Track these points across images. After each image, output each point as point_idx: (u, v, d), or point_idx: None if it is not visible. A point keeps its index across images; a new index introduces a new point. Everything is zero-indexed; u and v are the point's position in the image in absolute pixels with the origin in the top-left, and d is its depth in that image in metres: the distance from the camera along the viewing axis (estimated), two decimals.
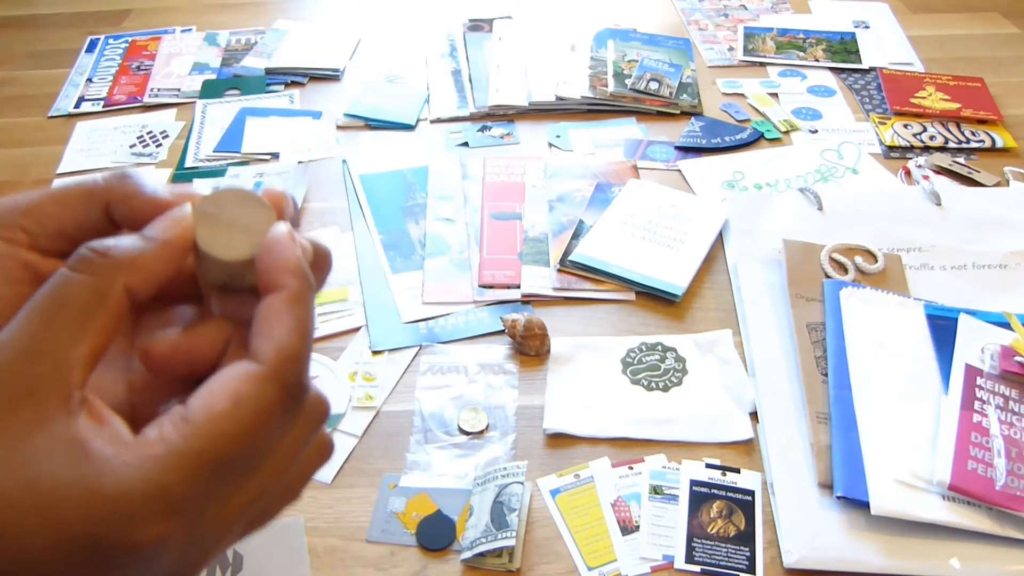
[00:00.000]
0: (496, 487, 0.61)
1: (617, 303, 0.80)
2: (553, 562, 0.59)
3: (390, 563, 0.59)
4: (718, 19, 1.31)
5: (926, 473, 0.59)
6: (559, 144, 1.02)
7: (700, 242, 0.84)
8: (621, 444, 0.66)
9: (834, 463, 0.61)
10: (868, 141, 1.02)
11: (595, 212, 0.89)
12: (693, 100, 1.08)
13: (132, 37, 1.28)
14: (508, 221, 0.89)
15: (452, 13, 1.30)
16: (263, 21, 1.30)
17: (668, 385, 0.71)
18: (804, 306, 0.74)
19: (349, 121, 1.07)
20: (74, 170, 1.00)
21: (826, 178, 0.96)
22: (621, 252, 0.83)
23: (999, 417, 0.62)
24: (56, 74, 1.19)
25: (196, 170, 0.99)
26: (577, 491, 0.63)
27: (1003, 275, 0.79)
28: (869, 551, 0.57)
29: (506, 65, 1.14)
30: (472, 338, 0.76)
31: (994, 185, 0.92)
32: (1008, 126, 1.03)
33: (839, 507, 0.60)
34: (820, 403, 0.66)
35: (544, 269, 0.83)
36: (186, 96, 1.13)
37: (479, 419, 0.68)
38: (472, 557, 0.58)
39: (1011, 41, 1.25)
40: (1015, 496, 0.58)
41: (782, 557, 0.58)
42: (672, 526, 0.60)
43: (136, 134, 1.06)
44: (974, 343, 0.68)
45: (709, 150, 1.01)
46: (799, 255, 0.79)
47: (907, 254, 0.81)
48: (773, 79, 1.15)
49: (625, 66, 1.13)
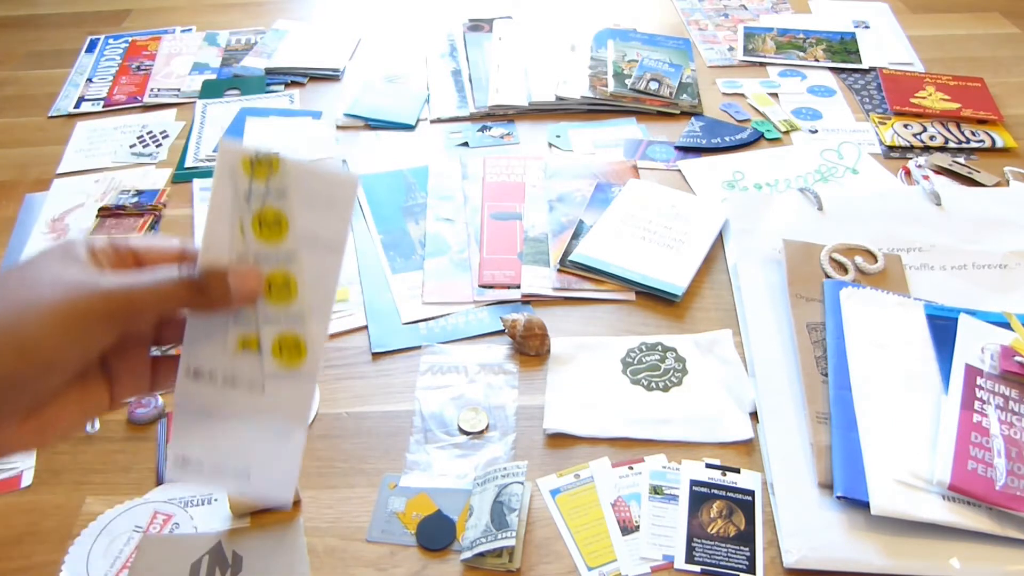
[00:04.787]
0: (496, 487, 0.61)
1: (617, 303, 0.80)
2: (553, 562, 0.59)
3: (390, 563, 0.59)
4: (718, 19, 1.31)
5: (926, 473, 0.59)
6: (559, 144, 1.02)
7: (700, 242, 0.84)
8: (621, 444, 0.66)
9: (834, 463, 0.61)
10: (868, 141, 1.02)
11: (595, 212, 0.89)
12: (693, 100, 1.08)
13: (132, 37, 1.28)
14: (508, 221, 0.89)
15: (452, 13, 1.30)
16: (263, 21, 1.31)
17: (668, 385, 0.71)
18: (804, 306, 0.74)
19: (349, 121, 1.07)
20: (74, 170, 1.00)
21: (826, 178, 0.96)
22: (621, 252, 0.83)
23: (999, 417, 0.62)
24: (56, 74, 1.19)
25: (196, 170, 0.99)
26: (577, 491, 0.63)
27: (1003, 275, 0.79)
28: (869, 551, 0.57)
29: (506, 65, 1.14)
30: (472, 338, 0.76)
31: (994, 185, 0.92)
32: (1008, 126, 1.03)
33: (839, 507, 0.60)
34: (820, 403, 0.66)
35: (544, 269, 0.83)
36: (186, 96, 1.14)
37: (479, 419, 0.68)
38: (472, 557, 0.58)
39: (1011, 41, 1.25)
40: (1015, 496, 0.58)
41: (782, 557, 0.58)
42: (672, 526, 0.60)
43: (136, 134, 1.06)
44: (974, 343, 0.68)
45: (709, 150, 1.01)
46: (799, 255, 0.79)
47: (907, 254, 0.81)
48: (773, 79, 1.15)
49: (625, 66, 1.13)
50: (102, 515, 0.62)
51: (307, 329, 0.40)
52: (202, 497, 0.63)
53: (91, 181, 0.98)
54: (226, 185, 0.39)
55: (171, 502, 0.62)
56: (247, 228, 0.39)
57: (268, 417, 0.41)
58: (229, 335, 0.40)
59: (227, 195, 0.39)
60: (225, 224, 0.39)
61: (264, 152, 0.38)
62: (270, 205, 0.39)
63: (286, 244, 0.39)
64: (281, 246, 0.39)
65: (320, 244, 0.39)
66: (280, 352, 0.41)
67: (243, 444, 0.41)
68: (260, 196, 0.39)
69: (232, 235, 0.39)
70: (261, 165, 0.38)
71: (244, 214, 0.39)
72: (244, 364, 0.41)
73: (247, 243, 0.39)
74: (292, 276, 0.40)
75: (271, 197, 0.39)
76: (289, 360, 0.41)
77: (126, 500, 0.63)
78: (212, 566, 0.58)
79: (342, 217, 0.39)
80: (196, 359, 0.40)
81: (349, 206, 0.39)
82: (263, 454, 0.41)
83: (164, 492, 0.63)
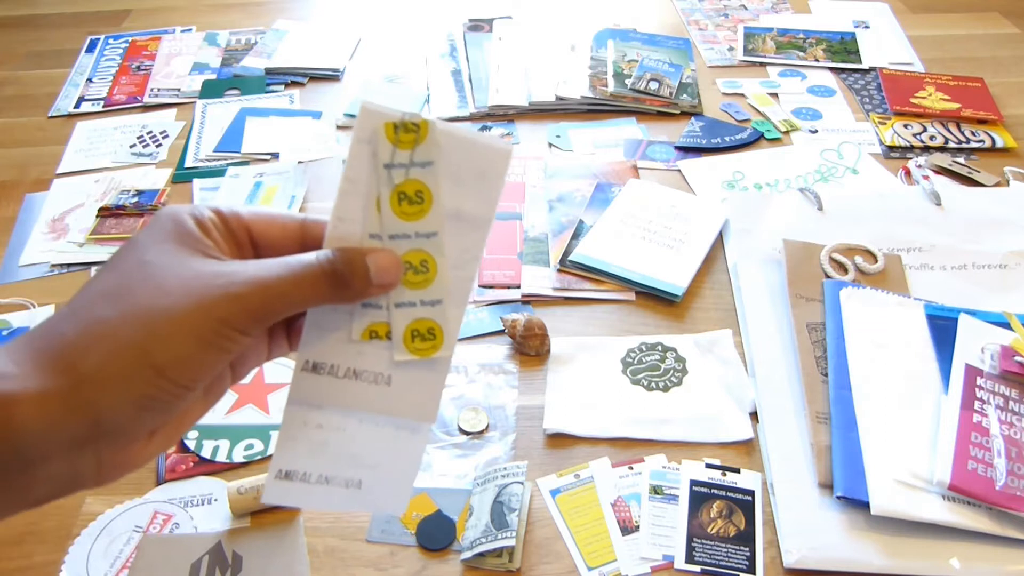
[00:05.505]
0: (496, 487, 0.61)
1: (617, 303, 0.80)
2: (553, 562, 0.59)
3: (390, 563, 0.59)
4: (718, 19, 1.31)
5: (926, 473, 0.59)
6: (559, 144, 1.02)
7: (700, 242, 0.84)
8: (621, 444, 0.66)
9: (834, 463, 0.61)
10: (868, 141, 1.02)
11: (595, 212, 0.89)
12: (693, 100, 1.08)
13: (132, 37, 1.28)
14: (508, 221, 0.89)
15: (452, 13, 1.30)
16: (263, 21, 1.31)
17: (668, 385, 0.71)
18: (804, 306, 0.74)
19: (349, 121, 1.07)
20: (74, 170, 1.00)
21: (826, 178, 0.96)
22: (621, 252, 0.83)
23: (999, 417, 0.62)
24: (56, 74, 1.19)
25: (196, 170, 0.99)
26: (577, 491, 0.63)
27: (1003, 275, 0.79)
28: (869, 551, 0.57)
29: (506, 65, 1.14)
30: (472, 338, 0.76)
31: (994, 185, 0.92)
32: (1008, 126, 1.03)
33: (839, 507, 0.60)
34: (820, 403, 0.66)
35: (544, 269, 0.83)
36: (186, 96, 1.14)
37: (479, 419, 0.68)
38: (472, 557, 0.58)
39: (1011, 41, 1.25)
40: (1015, 496, 0.58)
41: (782, 557, 0.58)
42: (672, 526, 0.60)
43: (136, 134, 1.06)
44: (974, 343, 0.68)
45: (709, 150, 1.01)
46: (799, 255, 0.79)
47: (907, 254, 0.81)
48: (773, 79, 1.15)
49: (625, 66, 1.13)
50: (102, 515, 0.62)
51: (445, 314, 0.36)
52: (202, 497, 0.63)
53: (91, 181, 0.98)
54: (364, 153, 0.34)
55: (171, 502, 0.62)
56: (384, 203, 0.35)
57: (392, 413, 0.37)
58: (355, 323, 0.36)
59: (365, 165, 0.34)
60: (360, 198, 0.34)
61: (412, 116, 0.34)
62: (414, 177, 0.34)
63: (427, 221, 0.35)
64: (421, 223, 0.35)
65: (464, 220, 0.35)
66: (412, 340, 0.36)
67: (359, 447, 0.37)
68: (404, 167, 0.34)
69: (367, 210, 0.35)
70: (408, 131, 0.34)
71: (383, 187, 0.34)
72: (370, 355, 0.36)
73: (383, 220, 0.35)
74: (431, 256, 0.35)
75: (415, 168, 0.34)
76: (423, 348, 0.37)
77: (126, 500, 0.63)
78: (212, 566, 0.58)
79: (492, 191, 0.35)
80: (316, 351, 0.36)
81: (500, 179, 0.35)
82: (380, 458, 0.37)
83: (164, 492, 0.63)
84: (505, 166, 0.35)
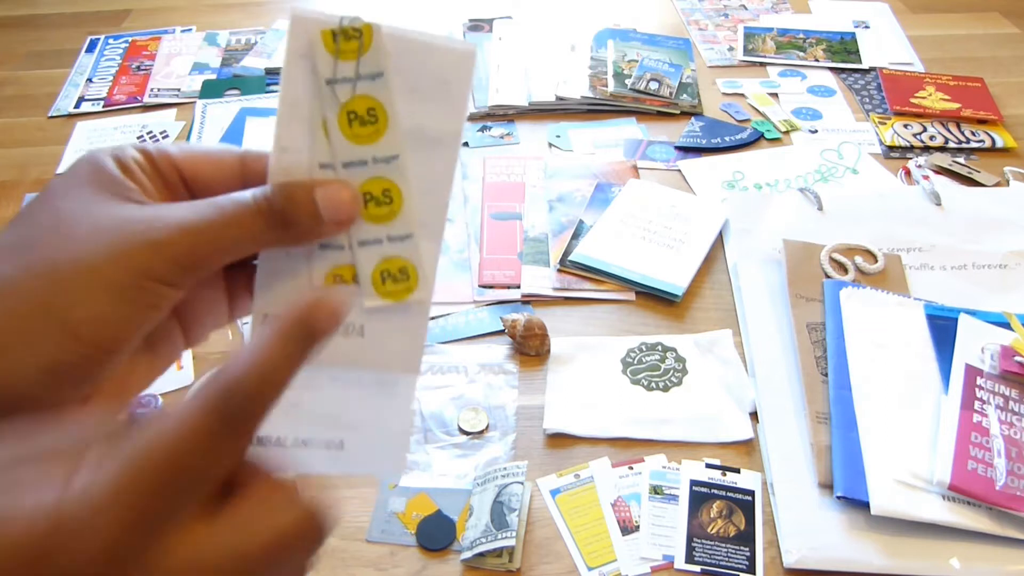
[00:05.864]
0: (496, 487, 0.61)
1: (617, 303, 0.80)
2: (553, 562, 0.59)
3: (390, 563, 0.59)
4: (718, 19, 1.31)
5: (926, 473, 0.59)
6: (559, 144, 1.02)
7: (700, 242, 0.84)
8: (621, 444, 0.66)
9: (834, 463, 0.61)
10: (868, 141, 1.02)
11: (595, 212, 0.89)
12: (693, 100, 1.08)
13: (132, 37, 1.28)
14: (508, 221, 0.89)
15: (452, 13, 1.30)
16: (263, 21, 1.30)
17: (668, 385, 0.71)
18: (804, 306, 0.74)
19: None
20: None
21: (826, 178, 0.96)
22: (621, 252, 0.83)
23: (999, 417, 0.62)
24: (56, 74, 1.19)
25: None
26: (577, 491, 0.63)
27: (1003, 275, 0.79)
28: (869, 551, 0.57)
29: (506, 65, 1.14)
30: (472, 338, 0.76)
31: (994, 185, 0.92)
32: (1008, 126, 1.03)
33: (839, 507, 0.60)
34: (820, 403, 0.66)
35: (544, 269, 0.83)
36: (186, 96, 1.13)
37: (479, 419, 0.68)
38: (472, 557, 0.58)
39: (1011, 41, 1.25)
40: (1015, 496, 0.58)
41: (782, 557, 0.58)
42: (672, 526, 0.60)
43: (136, 134, 1.06)
44: (974, 343, 0.68)
45: (709, 150, 1.01)
46: (799, 255, 0.79)
47: (907, 254, 0.81)
48: (773, 79, 1.15)
49: (625, 66, 1.13)
50: None
51: (416, 249, 0.32)
52: None
53: None
54: (301, 70, 0.29)
55: None
56: (332, 126, 0.30)
57: (369, 366, 0.33)
58: (315, 268, 0.32)
59: (303, 83, 0.30)
60: (303, 123, 0.30)
61: (353, 20, 0.29)
62: (363, 92, 0.30)
63: (385, 143, 0.31)
64: (378, 146, 0.31)
65: (428, 139, 0.31)
66: (383, 282, 0.32)
67: (335, 406, 0.33)
68: (349, 81, 0.30)
69: (313, 137, 0.30)
70: (349, 38, 0.29)
71: (328, 107, 0.30)
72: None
73: (333, 146, 0.30)
74: (394, 184, 0.31)
75: (364, 82, 0.30)
76: (395, 291, 0.32)
77: None
78: None
79: (457, 101, 0.31)
80: (271, 302, 0.32)
81: (465, 86, 0.31)
82: (362, 415, 0.33)
83: None
84: (469, 70, 0.31)
